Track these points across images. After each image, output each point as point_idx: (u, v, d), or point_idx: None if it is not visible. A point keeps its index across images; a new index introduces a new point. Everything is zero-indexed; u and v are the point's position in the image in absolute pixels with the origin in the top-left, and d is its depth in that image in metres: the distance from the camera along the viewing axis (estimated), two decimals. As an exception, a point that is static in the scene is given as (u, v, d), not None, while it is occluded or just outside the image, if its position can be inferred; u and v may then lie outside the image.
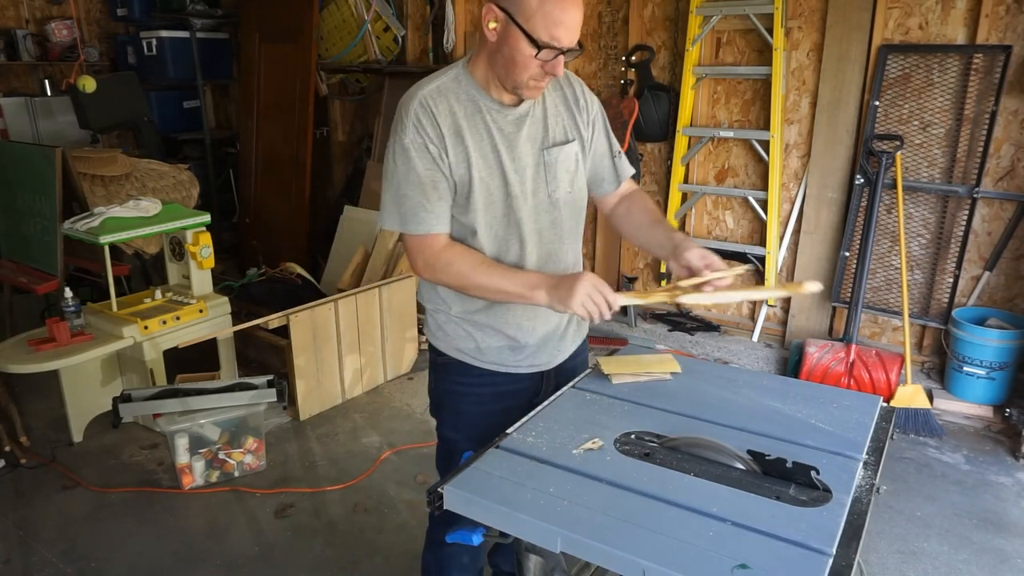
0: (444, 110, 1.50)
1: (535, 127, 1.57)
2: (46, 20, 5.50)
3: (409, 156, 1.49)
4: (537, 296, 1.48)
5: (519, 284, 1.50)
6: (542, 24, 1.38)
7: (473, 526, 1.26)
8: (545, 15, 1.38)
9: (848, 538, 1.12)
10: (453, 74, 1.54)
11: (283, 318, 3.39)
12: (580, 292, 1.42)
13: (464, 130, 1.51)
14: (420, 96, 1.50)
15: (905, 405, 3.33)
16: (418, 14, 4.99)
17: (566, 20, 1.39)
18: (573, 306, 1.43)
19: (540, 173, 1.58)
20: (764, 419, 1.50)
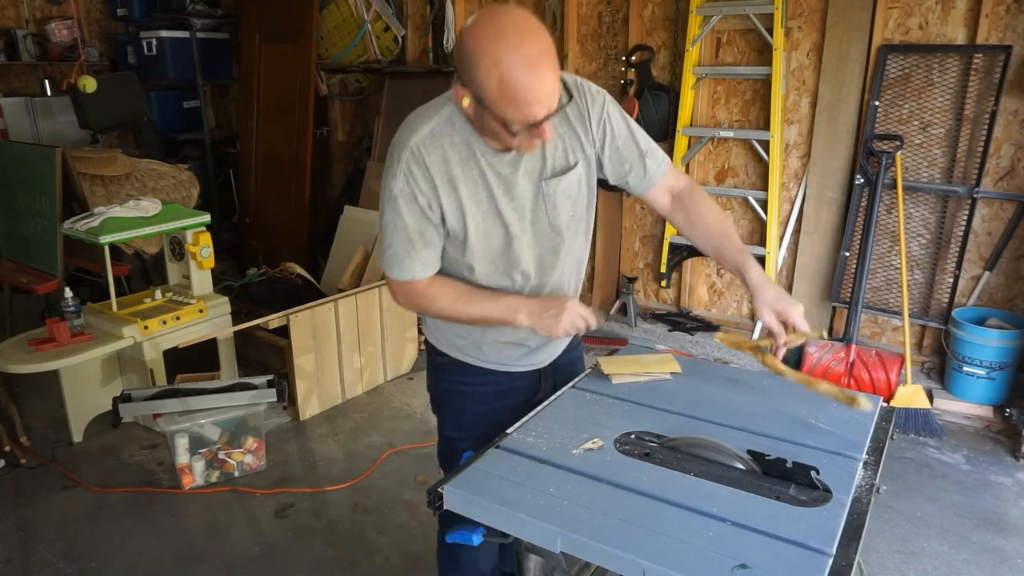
0: (437, 158, 1.43)
1: (532, 161, 1.49)
2: (46, 20, 5.51)
3: (397, 205, 1.45)
4: (519, 319, 1.51)
5: (500, 310, 1.52)
6: (510, 109, 1.29)
7: (473, 526, 1.26)
8: (511, 99, 1.27)
9: (848, 538, 1.12)
10: (446, 114, 1.44)
11: (283, 318, 3.39)
12: (565, 320, 1.48)
13: (458, 178, 1.44)
14: (412, 144, 1.43)
15: (905, 405, 3.33)
16: (418, 14, 4.99)
17: (535, 97, 1.28)
18: (558, 332, 1.49)
19: (539, 204, 1.51)
20: (764, 419, 1.50)
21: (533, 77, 1.26)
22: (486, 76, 1.26)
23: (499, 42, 1.25)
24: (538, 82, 1.27)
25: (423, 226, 1.47)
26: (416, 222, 1.46)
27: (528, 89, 1.26)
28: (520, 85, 1.26)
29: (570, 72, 1.59)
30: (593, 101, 1.53)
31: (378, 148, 4.97)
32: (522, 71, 1.25)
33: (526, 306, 1.51)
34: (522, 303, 1.52)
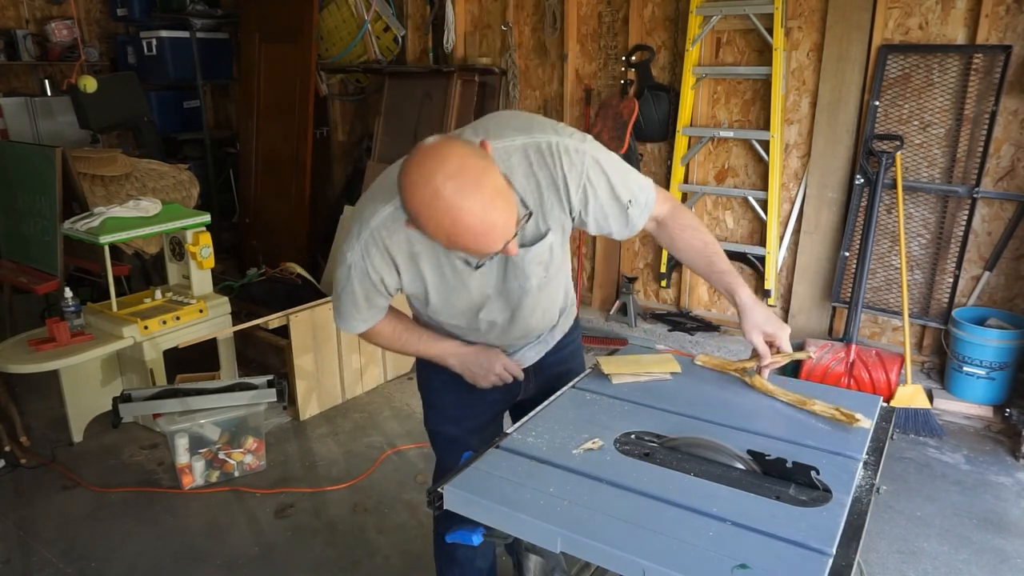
0: (399, 239, 1.40)
1: None
2: (46, 20, 5.51)
3: (350, 274, 1.45)
4: (450, 363, 1.66)
5: (435, 352, 1.66)
6: (464, 252, 1.30)
7: (473, 526, 1.26)
8: (462, 248, 1.25)
9: (848, 538, 1.12)
10: None
11: (283, 318, 3.39)
12: (491, 378, 1.65)
13: (420, 255, 1.43)
14: (374, 226, 1.39)
15: (905, 405, 3.33)
16: (418, 14, 4.99)
17: (485, 245, 1.24)
18: (481, 386, 1.65)
19: (508, 271, 1.49)
20: (764, 419, 1.50)
21: (479, 231, 1.20)
22: (434, 232, 1.23)
23: (437, 206, 1.18)
24: (486, 232, 1.21)
25: (371, 295, 1.50)
26: (364, 291, 1.49)
27: (476, 239, 1.22)
28: (468, 239, 1.22)
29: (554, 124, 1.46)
30: (571, 167, 1.40)
31: (378, 148, 4.97)
32: (466, 231, 1.20)
33: (458, 355, 1.64)
34: (455, 351, 1.64)
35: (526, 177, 1.39)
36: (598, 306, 4.68)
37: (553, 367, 1.78)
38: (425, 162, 1.19)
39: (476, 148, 1.25)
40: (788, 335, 1.56)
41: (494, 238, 1.23)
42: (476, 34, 4.82)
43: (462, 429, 1.76)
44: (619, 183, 1.47)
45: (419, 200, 1.19)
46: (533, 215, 1.42)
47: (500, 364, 1.64)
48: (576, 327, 1.87)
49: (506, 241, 1.26)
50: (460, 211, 1.17)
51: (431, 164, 1.18)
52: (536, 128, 1.40)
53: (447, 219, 1.18)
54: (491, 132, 1.39)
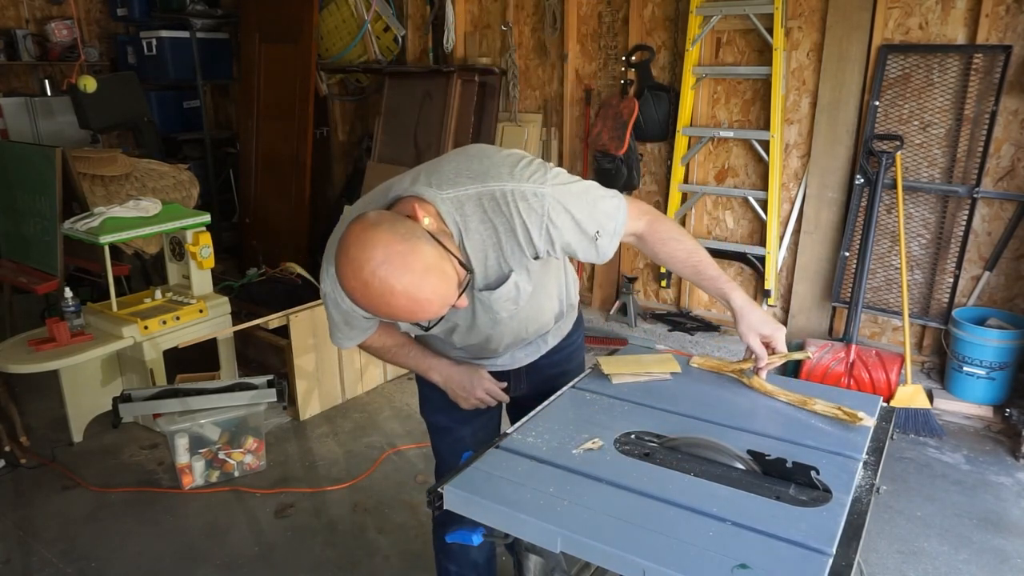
0: None
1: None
2: (46, 20, 5.51)
3: (326, 302, 1.51)
4: (433, 378, 1.71)
5: (422, 368, 1.71)
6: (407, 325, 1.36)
7: (473, 526, 1.26)
8: (403, 322, 1.32)
9: (848, 538, 1.12)
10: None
11: (283, 318, 3.39)
12: (472, 400, 1.69)
13: None
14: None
15: (905, 405, 3.33)
16: (418, 14, 4.99)
17: (423, 317, 1.25)
18: (463, 406, 1.69)
19: (478, 310, 1.49)
20: (764, 419, 1.50)
21: (416, 310, 1.22)
22: (374, 313, 1.24)
23: (370, 294, 1.19)
24: (423, 309, 1.22)
25: (349, 319, 1.53)
26: (340, 316, 1.53)
27: (416, 316, 1.24)
28: (408, 317, 1.24)
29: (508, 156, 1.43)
30: (530, 212, 1.36)
31: (378, 148, 4.97)
32: (404, 311, 1.22)
33: (443, 374, 1.69)
34: (440, 368, 1.69)
35: (482, 223, 1.37)
36: (598, 306, 4.68)
37: (548, 368, 1.76)
38: (353, 255, 1.20)
39: (402, 228, 1.22)
40: (784, 336, 1.57)
41: (432, 310, 1.24)
42: (476, 34, 4.82)
43: (452, 419, 1.79)
44: (585, 218, 1.42)
45: (353, 289, 1.22)
46: (479, 271, 1.41)
47: (482, 388, 1.68)
48: (577, 329, 1.84)
49: (448, 306, 1.26)
50: (392, 296, 1.19)
51: (359, 256, 1.19)
52: (492, 175, 1.37)
53: (382, 304, 1.21)
54: (445, 180, 1.37)
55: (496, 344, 1.62)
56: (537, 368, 1.75)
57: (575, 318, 1.83)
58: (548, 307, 1.65)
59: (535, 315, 1.62)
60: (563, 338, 1.78)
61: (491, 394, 1.70)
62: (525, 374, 1.75)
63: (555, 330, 1.74)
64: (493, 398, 1.71)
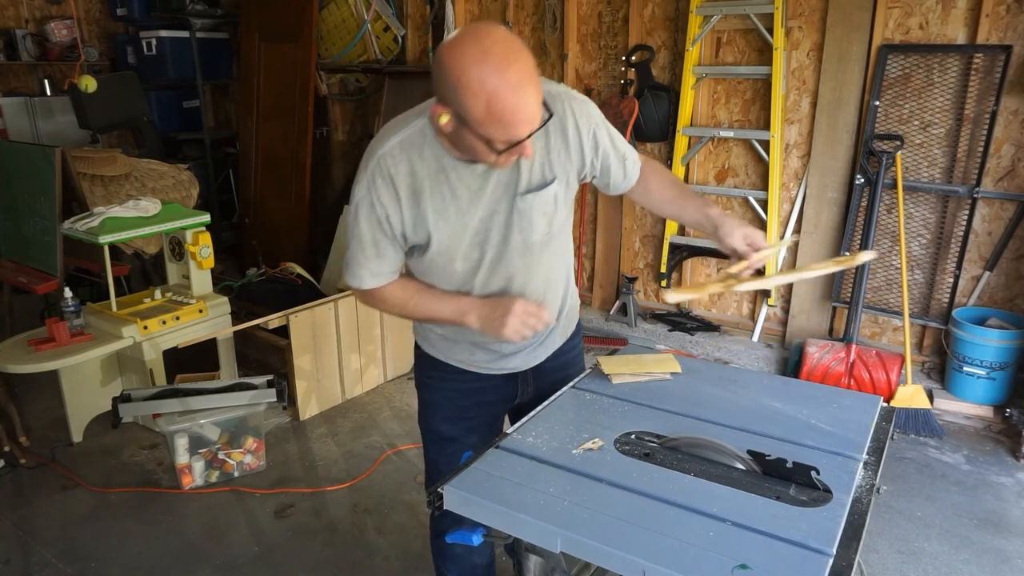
0: (403, 171, 1.41)
1: (506, 175, 1.45)
2: (46, 20, 5.51)
3: (358, 213, 1.46)
4: (468, 322, 1.52)
5: (450, 311, 1.53)
6: (494, 129, 1.27)
7: (473, 526, 1.26)
8: (496, 120, 1.25)
9: (848, 538, 1.12)
10: (419, 126, 1.42)
11: (283, 318, 3.39)
12: (510, 324, 1.45)
13: (424, 192, 1.43)
14: (379, 154, 1.42)
15: (905, 405, 3.33)
16: (418, 14, 4.99)
17: (520, 119, 1.26)
18: (507, 337, 1.46)
19: (513, 220, 1.48)
20: (764, 419, 1.50)
21: (519, 99, 1.25)
22: (472, 98, 1.24)
23: (484, 64, 1.22)
24: (523, 104, 1.26)
25: (377, 236, 1.47)
26: (371, 232, 1.46)
27: (514, 111, 1.25)
28: (507, 107, 1.24)
29: (556, 82, 1.54)
30: (581, 113, 1.49)
31: (378, 148, 4.96)
32: (508, 93, 1.24)
33: (475, 308, 1.51)
34: (472, 305, 1.52)
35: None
36: (598, 306, 4.68)
37: (552, 373, 1.75)
38: (475, 29, 1.26)
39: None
40: (762, 236, 1.53)
41: (529, 112, 1.27)
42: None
43: (458, 429, 1.74)
44: (616, 136, 1.60)
45: (467, 59, 1.23)
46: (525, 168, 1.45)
47: (520, 309, 1.46)
48: (578, 334, 1.85)
49: (533, 128, 1.29)
50: (506, 73, 1.22)
51: (481, 31, 1.25)
52: (543, 80, 1.42)
53: (492, 79, 1.22)
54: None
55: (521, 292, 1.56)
56: (542, 372, 1.74)
57: (576, 320, 1.83)
58: (559, 278, 1.65)
59: (549, 277, 1.61)
60: (567, 340, 1.78)
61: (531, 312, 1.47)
62: (532, 376, 1.74)
63: (560, 327, 1.74)
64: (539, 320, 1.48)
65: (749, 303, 4.25)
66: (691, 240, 4.23)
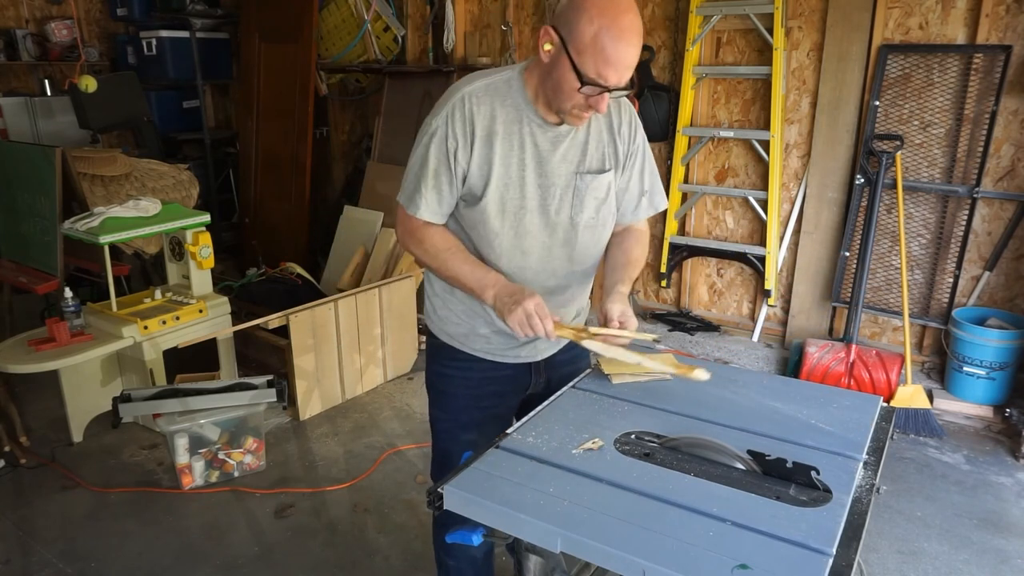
0: (484, 111, 1.50)
1: (574, 149, 1.56)
2: (46, 20, 5.51)
3: (429, 142, 1.51)
4: (486, 296, 1.54)
5: (474, 279, 1.55)
6: (591, 60, 1.36)
7: (473, 526, 1.26)
8: (596, 52, 1.35)
9: (848, 538, 1.12)
10: (506, 77, 1.53)
11: (283, 318, 3.39)
12: (518, 312, 1.47)
13: (497, 136, 1.50)
14: (464, 92, 1.50)
15: (905, 405, 3.33)
16: (418, 14, 4.99)
17: (617, 60, 1.36)
18: (510, 322, 1.49)
19: (568, 195, 1.57)
20: (764, 419, 1.50)
21: (624, 42, 1.35)
22: (587, 23, 1.34)
23: (609, 2, 1.34)
24: (626, 48, 1.36)
25: (440, 168, 1.52)
26: (436, 162, 1.52)
27: (615, 49, 1.35)
28: (611, 43, 1.34)
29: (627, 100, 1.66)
30: (637, 124, 1.65)
31: (378, 148, 4.97)
32: (618, 33, 1.34)
33: (496, 286, 1.53)
34: (494, 282, 1.53)
35: (603, 114, 1.54)
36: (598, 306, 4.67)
37: (562, 366, 1.79)
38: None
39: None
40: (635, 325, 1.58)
41: (626, 59, 1.37)
42: (476, 34, 4.82)
43: (474, 418, 1.75)
44: (650, 170, 1.71)
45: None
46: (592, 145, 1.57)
47: (530, 307, 1.47)
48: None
49: (620, 82, 1.38)
50: (623, 15, 1.35)
51: None
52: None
53: (610, 12, 1.34)
54: None
55: (548, 268, 1.62)
56: (553, 364, 1.78)
57: (587, 313, 1.87)
58: (590, 264, 1.70)
59: (583, 261, 1.66)
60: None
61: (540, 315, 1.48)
62: (544, 367, 1.77)
63: (578, 322, 1.78)
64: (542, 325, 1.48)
65: (749, 303, 4.25)
66: (691, 240, 4.24)
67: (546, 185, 1.55)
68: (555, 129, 1.53)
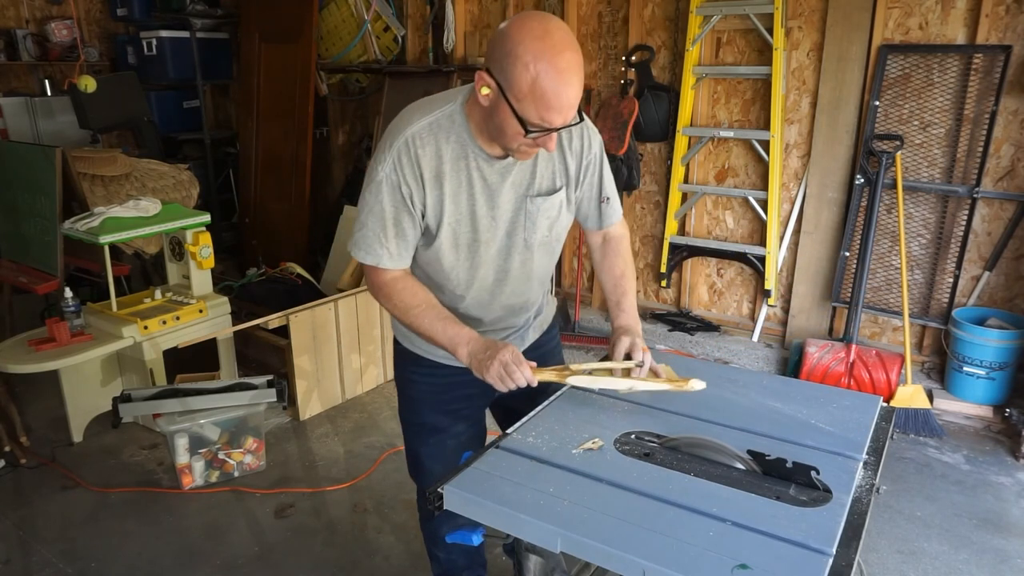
0: (430, 152, 1.46)
1: (521, 174, 1.53)
2: (46, 20, 5.50)
3: (380, 190, 1.47)
4: (459, 353, 1.51)
5: (446, 337, 1.52)
6: (532, 107, 1.31)
7: (473, 526, 1.26)
8: (537, 98, 1.30)
9: (848, 538, 1.12)
10: (448, 112, 1.47)
11: (283, 318, 3.39)
12: (494, 366, 1.45)
13: (445, 176, 1.47)
14: (407, 134, 1.45)
15: (905, 405, 3.33)
16: (418, 14, 4.99)
17: (559, 104, 1.31)
18: (488, 378, 1.47)
19: (519, 219, 1.55)
20: (764, 419, 1.50)
21: (564, 84, 1.30)
22: (522, 69, 1.29)
23: (543, 42, 1.29)
24: (566, 91, 1.31)
25: (400, 214, 1.48)
26: (394, 209, 1.48)
27: (556, 94, 1.30)
28: (551, 88, 1.29)
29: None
30: (590, 134, 1.60)
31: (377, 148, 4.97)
32: (557, 76, 1.29)
33: (469, 344, 1.50)
34: (468, 339, 1.51)
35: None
36: (598, 306, 4.68)
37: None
38: (543, 14, 1.34)
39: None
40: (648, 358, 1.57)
41: (569, 100, 1.32)
42: (476, 34, 4.82)
43: (440, 421, 1.75)
44: (607, 178, 1.68)
45: (527, 33, 1.29)
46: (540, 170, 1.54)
47: (510, 354, 1.46)
48: (554, 326, 1.91)
49: (566, 121, 1.35)
50: (559, 56, 1.29)
51: (548, 16, 1.33)
52: None
53: (546, 56, 1.28)
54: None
55: (501, 293, 1.63)
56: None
57: (552, 316, 1.89)
58: (544, 279, 1.72)
59: (535, 276, 1.66)
60: (542, 334, 1.83)
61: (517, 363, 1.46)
62: None
63: (535, 323, 1.79)
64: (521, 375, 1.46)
65: (749, 303, 4.25)
66: (691, 240, 4.23)
67: (497, 216, 1.53)
68: (501, 162, 1.50)
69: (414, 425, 1.81)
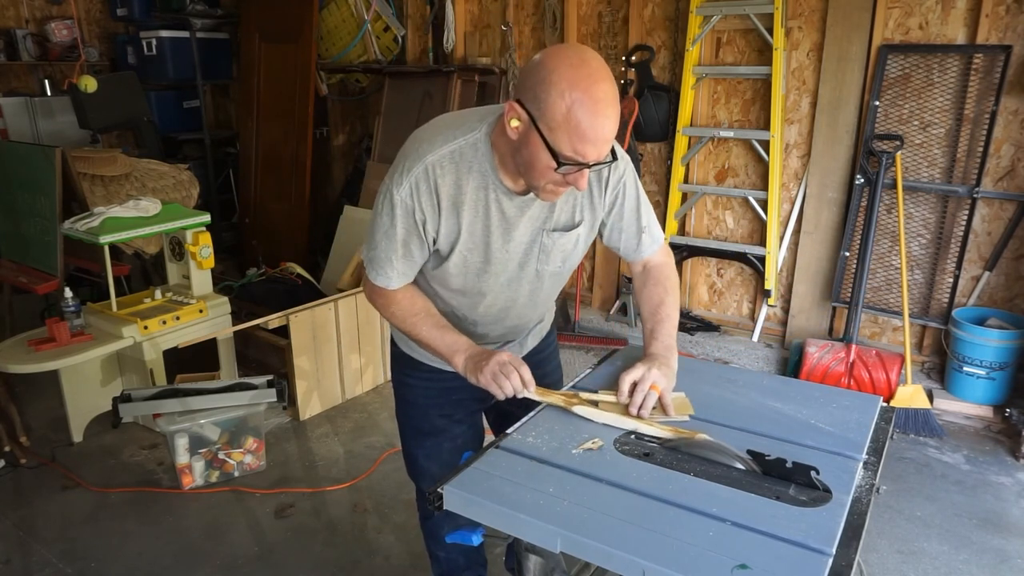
0: (449, 181, 1.41)
1: (540, 208, 1.48)
2: (46, 20, 5.51)
3: (395, 212, 1.44)
4: (455, 361, 1.53)
5: (443, 344, 1.53)
6: (566, 138, 1.25)
7: (473, 526, 1.26)
8: (571, 129, 1.24)
9: (848, 538, 1.12)
10: (472, 140, 1.41)
11: (283, 318, 3.39)
12: (491, 366, 1.46)
13: (464, 206, 1.43)
14: (429, 162, 1.40)
15: (905, 405, 3.33)
16: (418, 14, 4.99)
17: (595, 136, 1.25)
18: (483, 380, 1.47)
19: (533, 251, 1.52)
20: (764, 419, 1.50)
21: (601, 116, 1.25)
22: (557, 97, 1.23)
23: (579, 71, 1.24)
24: (603, 123, 1.26)
25: (410, 239, 1.47)
26: (406, 234, 1.46)
27: (591, 126, 1.24)
28: (586, 119, 1.24)
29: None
30: (621, 166, 1.53)
31: (378, 148, 4.97)
32: (593, 106, 1.24)
33: (466, 352, 1.52)
34: (464, 347, 1.52)
35: None
36: (598, 306, 4.68)
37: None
38: (578, 45, 1.32)
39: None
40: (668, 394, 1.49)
41: (604, 134, 1.27)
42: (476, 34, 4.82)
43: (436, 424, 1.76)
44: (644, 205, 1.61)
45: (564, 61, 1.25)
46: (558, 209, 1.49)
47: (504, 362, 1.47)
48: (552, 332, 1.90)
49: (599, 156, 1.29)
50: (596, 86, 1.24)
51: (585, 47, 1.31)
52: None
53: (585, 82, 1.23)
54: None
55: (508, 318, 1.63)
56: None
57: (551, 323, 1.88)
58: (551, 300, 1.70)
59: (543, 300, 1.66)
60: (540, 340, 1.84)
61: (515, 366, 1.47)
62: None
63: (535, 330, 1.80)
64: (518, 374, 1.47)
65: (749, 303, 4.25)
66: (691, 240, 4.24)
67: (511, 248, 1.50)
68: (521, 198, 1.45)
69: (410, 428, 1.82)
